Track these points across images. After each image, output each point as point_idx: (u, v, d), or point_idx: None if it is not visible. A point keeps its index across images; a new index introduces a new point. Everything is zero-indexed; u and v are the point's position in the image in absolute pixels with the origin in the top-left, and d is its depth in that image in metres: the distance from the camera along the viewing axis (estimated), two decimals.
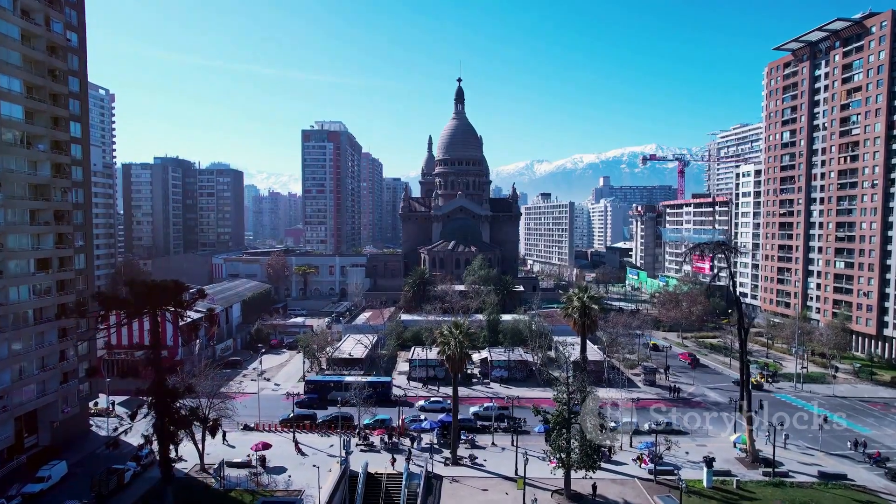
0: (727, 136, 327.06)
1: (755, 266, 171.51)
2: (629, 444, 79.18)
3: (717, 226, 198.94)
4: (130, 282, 56.39)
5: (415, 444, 79.68)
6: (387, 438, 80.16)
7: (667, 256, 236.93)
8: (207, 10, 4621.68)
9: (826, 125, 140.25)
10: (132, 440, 78.11)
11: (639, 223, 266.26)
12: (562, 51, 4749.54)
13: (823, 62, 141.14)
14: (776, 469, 70.03)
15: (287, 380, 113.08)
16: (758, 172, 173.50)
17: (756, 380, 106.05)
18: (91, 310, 51.50)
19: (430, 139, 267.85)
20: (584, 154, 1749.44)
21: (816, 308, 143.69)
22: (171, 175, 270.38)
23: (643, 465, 72.19)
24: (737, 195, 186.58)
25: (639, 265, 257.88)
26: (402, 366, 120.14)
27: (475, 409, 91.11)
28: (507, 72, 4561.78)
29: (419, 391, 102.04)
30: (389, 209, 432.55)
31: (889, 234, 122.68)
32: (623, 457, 74.98)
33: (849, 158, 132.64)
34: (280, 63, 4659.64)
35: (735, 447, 77.84)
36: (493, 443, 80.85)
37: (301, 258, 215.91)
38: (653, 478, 68.99)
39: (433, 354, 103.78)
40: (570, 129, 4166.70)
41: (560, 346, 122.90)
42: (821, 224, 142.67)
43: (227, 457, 73.83)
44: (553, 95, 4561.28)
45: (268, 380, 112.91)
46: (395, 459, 71.67)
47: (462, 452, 76.43)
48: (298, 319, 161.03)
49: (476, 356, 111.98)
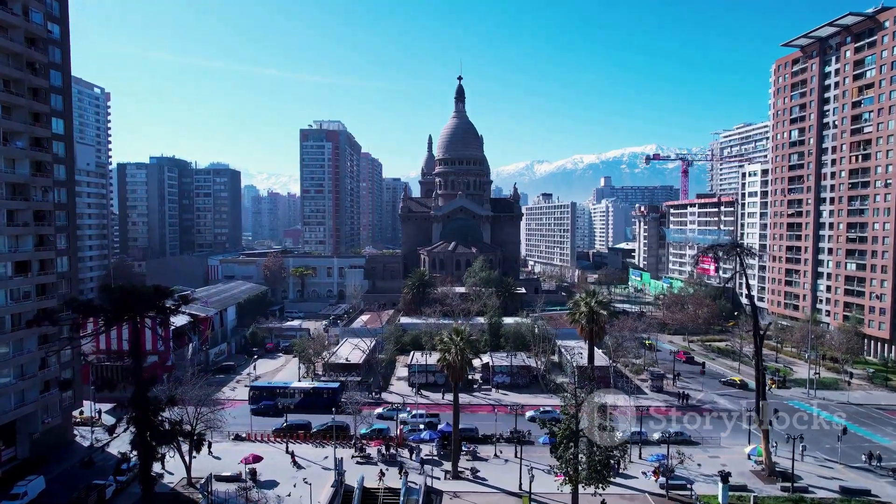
0: (730, 136, 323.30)
1: (762, 268, 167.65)
2: (638, 456, 75.41)
3: (723, 226, 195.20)
4: (107, 287, 52.67)
5: (414, 456, 76.12)
6: (384, 450, 76.52)
7: (670, 258, 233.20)
8: (208, 11, 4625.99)
9: (836, 123, 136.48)
10: (119, 451, 74.68)
11: (642, 224, 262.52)
12: (561, 52, 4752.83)
13: (834, 58, 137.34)
14: (795, 484, 66.20)
15: None
16: (765, 172, 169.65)
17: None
18: (64, 317, 47.88)
19: (430, 138, 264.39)
20: (585, 154, 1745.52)
21: (826, 311, 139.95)
22: (167, 175, 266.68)
23: (656, 479, 68.47)
24: (743, 195, 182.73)
25: (642, 266, 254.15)
26: (401, 371, 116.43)
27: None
28: (507, 72, 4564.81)
29: (418, 398, 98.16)
30: (389, 209, 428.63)
31: None
32: (632, 469, 70.95)
33: (860, 157, 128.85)
34: (280, 64, 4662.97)
35: (750, 459, 74.12)
36: (496, 454, 77.30)
37: (298, 259, 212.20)
38: (665, 493, 65.32)
39: (433, 359, 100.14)
40: (570, 130, 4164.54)
41: (564, 350, 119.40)
42: (831, 225, 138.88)
43: (216, 470, 70.27)
44: (553, 96, 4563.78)
45: None
46: (384, 473, 67.99)
47: (463, 464, 72.86)
48: (295, 322, 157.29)
49: (477, 361, 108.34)
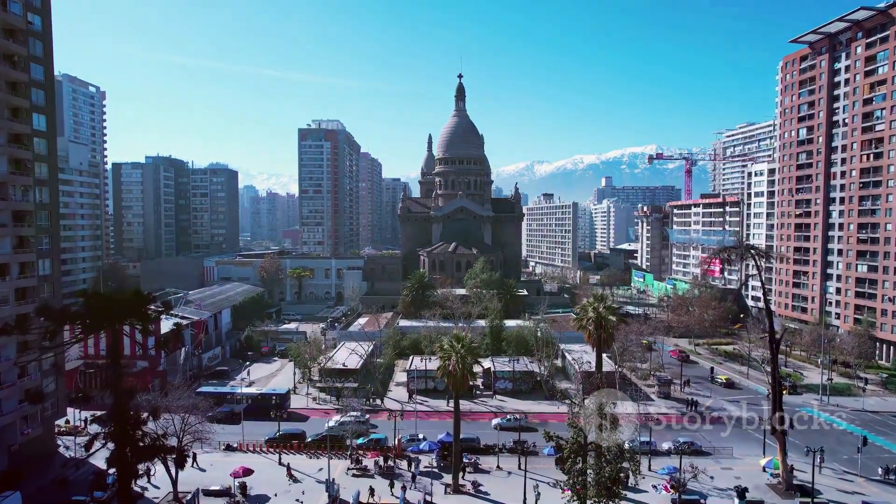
0: (733, 136, 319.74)
1: (769, 269, 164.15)
2: (648, 468, 71.89)
3: (728, 227, 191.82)
4: (84, 293, 49.25)
5: (413, 468, 72.70)
6: (381, 462, 73.00)
7: (674, 258, 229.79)
8: (209, 12, 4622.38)
9: (847, 121, 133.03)
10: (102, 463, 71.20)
11: (644, 224, 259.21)
12: (561, 52, 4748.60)
13: (844, 54, 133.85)
14: (815, 499, 62.73)
15: None
16: (771, 171, 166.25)
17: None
18: (36, 325, 44.58)
19: (430, 138, 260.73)
20: (585, 155, 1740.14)
21: (836, 314, 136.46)
22: (163, 175, 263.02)
23: (669, 493, 64.93)
24: (749, 195, 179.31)
25: (644, 267, 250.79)
26: (400, 376, 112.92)
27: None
28: (507, 73, 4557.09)
29: (417, 406, 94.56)
30: (389, 210, 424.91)
31: None
32: (642, 482, 67.42)
33: (872, 156, 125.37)
34: (281, 64, 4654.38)
35: (765, 472, 70.68)
36: (499, 466, 73.88)
37: (296, 260, 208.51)
38: None
39: (433, 365, 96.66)
40: (570, 130, 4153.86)
41: (567, 355, 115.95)
42: (841, 225, 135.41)
43: (205, 483, 67.09)
44: (553, 96, 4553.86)
45: None
46: (374, 491, 64.70)
47: (465, 477, 69.45)
48: (291, 325, 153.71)
49: (478, 367, 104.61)
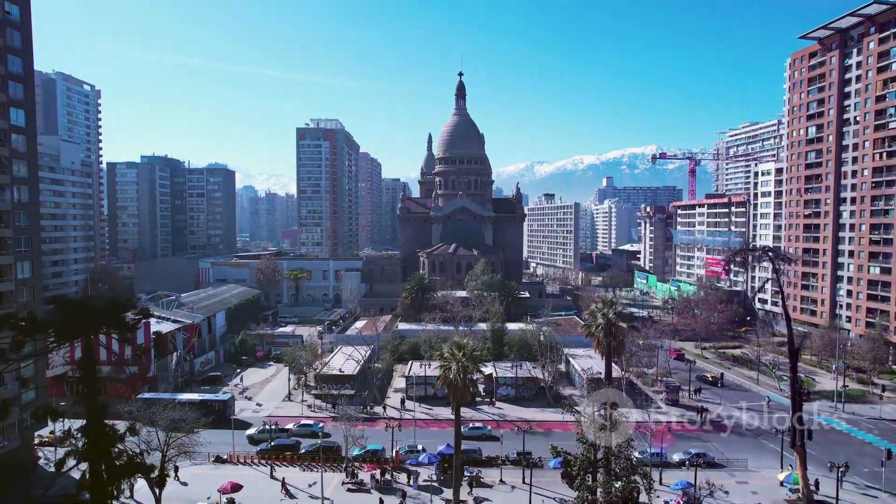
0: (736, 135, 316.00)
1: (776, 270, 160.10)
2: (658, 481, 68.11)
3: (734, 227, 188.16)
4: (54, 300, 45.56)
5: (411, 481, 69.08)
6: (378, 475, 69.22)
7: (678, 260, 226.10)
8: (209, 12, 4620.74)
9: (858, 119, 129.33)
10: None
11: (647, 225, 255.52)
12: (560, 53, 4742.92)
13: (855, 50, 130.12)
14: None
15: (271, 398, 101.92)
16: (779, 171, 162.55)
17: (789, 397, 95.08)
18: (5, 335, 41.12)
19: (430, 137, 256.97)
20: (585, 155, 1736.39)
21: (847, 317, 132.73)
22: (159, 175, 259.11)
23: None
24: (755, 195, 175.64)
25: (647, 268, 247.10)
26: (399, 382, 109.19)
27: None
28: (506, 74, 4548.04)
29: (416, 413, 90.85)
30: (389, 210, 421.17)
31: None
32: (653, 497, 63.87)
33: (885, 154, 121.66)
34: (281, 65, 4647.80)
35: (783, 486, 66.98)
36: (502, 479, 70.17)
37: (293, 262, 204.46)
38: None
39: (432, 371, 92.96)
40: (570, 131, 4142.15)
41: (572, 360, 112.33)
42: (852, 226, 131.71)
43: (191, 499, 63.52)
44: (552, 97, 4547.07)
45: (249, 398, 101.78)
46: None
47: (465, 491, 65.77)
48: (288, 329, 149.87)
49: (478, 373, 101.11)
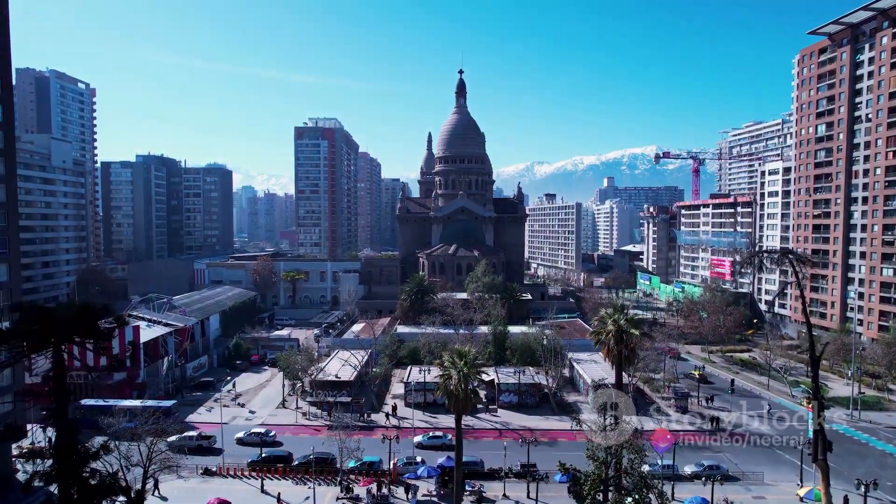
0: (739, 135, 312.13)
1: (784, 272, 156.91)
2: (671, 496, 64.58)
3: (739, 228, 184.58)
4: (20, 307, 42.14)
5: (409, 496, 65.49)
6: (375, 490, 65.54)
7: (682, 261, 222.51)
8: (209, 13, 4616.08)
9: (871, 116, 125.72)
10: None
11: (650, 225, 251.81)
12: (560, 53, 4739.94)
13: (867, 46, 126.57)
14: None
15: (265, 405, 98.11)
16: (787, 170, 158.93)
17: (802, 404, 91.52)
18: None
19: (430, 136, 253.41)
20: (585, 155, 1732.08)
21: (858, 320, 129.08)
22: (155, 174, 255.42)
23: None
24: (762, 195, 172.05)
25: (651, 270, 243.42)
26: (398, 388, 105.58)
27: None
28: (505, 75, 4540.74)
29: (416, 422, 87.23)
30: (388, 210, 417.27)
31: None
32: None
33: None
34: (281, 65, 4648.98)
35: (803, 502, 63.35)
36: (505, 494, 66.53)
37: (290, 263, 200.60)
38: None
39: (432, 376, 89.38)
40: (570, 131, 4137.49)
41: (576, 365, 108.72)
42: (864, 226, 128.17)
43: None
44: (552, 97, 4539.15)
45: (242, 405, 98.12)
46: None
47: None
48: (284, 332, 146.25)
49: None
